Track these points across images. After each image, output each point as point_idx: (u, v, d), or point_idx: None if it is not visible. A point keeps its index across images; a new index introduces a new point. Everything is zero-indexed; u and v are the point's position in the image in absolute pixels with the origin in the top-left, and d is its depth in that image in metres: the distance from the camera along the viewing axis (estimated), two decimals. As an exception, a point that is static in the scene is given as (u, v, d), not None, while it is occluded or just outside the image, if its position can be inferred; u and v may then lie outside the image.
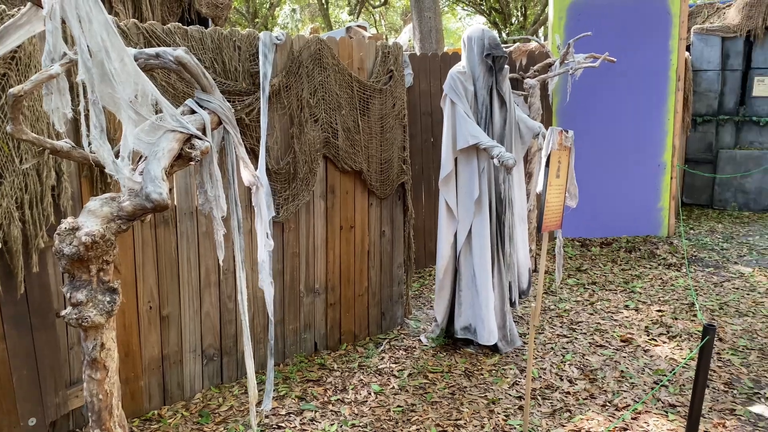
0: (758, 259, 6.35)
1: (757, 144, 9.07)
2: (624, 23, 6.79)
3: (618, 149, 7.01)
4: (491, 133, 3.99)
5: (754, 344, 4.22)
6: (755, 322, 4.62)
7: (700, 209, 9.19)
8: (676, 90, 6.94)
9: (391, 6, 27.92)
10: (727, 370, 3.84)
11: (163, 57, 1.89)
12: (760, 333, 4.41)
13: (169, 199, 1.66)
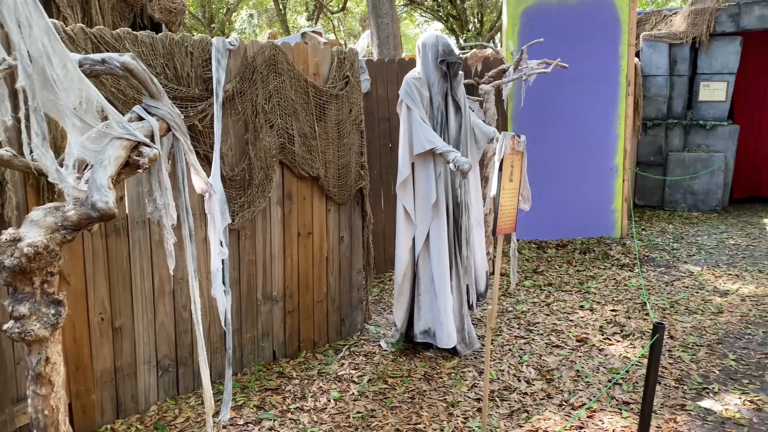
0: (706, 258, 6.56)
1: (704, 147, 9.39)
2: (576, 30, 6.95)
3: (572, 153, 7.16)
4: (447, 138, 4.03)
5: (702, 341, 4.35)
6: (704, 319, 4.77)
7: (652, 210, 9.46)
8: (627, 95, 7.14)
9: (349, 12, 27.96)
10: (678, 366, 3.95)
11: (109, 63, 1.85)
12: (708, 330, 4.56)
13: (116, 207, 1.62)
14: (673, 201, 9.39)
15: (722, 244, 7.15)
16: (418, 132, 3.87)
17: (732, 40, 9.08)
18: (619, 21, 6.97)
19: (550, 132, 7.07)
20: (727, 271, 6.03)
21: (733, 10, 8.91)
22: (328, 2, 24.54)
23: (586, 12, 6.93)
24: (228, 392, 3.18)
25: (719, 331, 4.53)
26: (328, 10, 24.36)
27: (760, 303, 5.09)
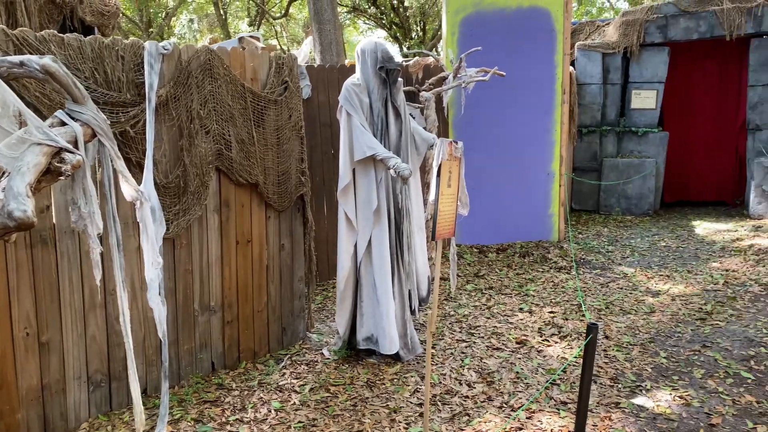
0: (639, 260, 6.81)
1: (636, 152, 9.77)
2: (513, 39, 7.11)
3: (511, 159, 7.31)
4: (387, 145, 4.04)
5: (636, 340, 4.50)
6: (637, 319, 4.94)
7: (588, 214, 9.76)
8: (562, 102, 7.35)
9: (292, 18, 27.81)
10: (613, 365, 4.07)
11: (28, 65, 1.77)
12: (641, 329, 4.72)
13: (35, 216, 1.55)
14: (607, 205, 9.72)
15: (654, 246, 7.43)
16: (358, 138, 3.87)
17: (660, 51, 9.49)
18: (555, 30, 7.17)
19: (490, 138, 7.20)
20: (658, 272, 6.27)
21: (660, 22, 9.32)
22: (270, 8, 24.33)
23: (522, 21, 7.11)
24: (164, 406, 3.08)
25: (651, 330, 4.69)
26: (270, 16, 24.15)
27: (689, 302, 5.31)
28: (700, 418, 3.34)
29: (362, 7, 23.44)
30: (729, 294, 5.46)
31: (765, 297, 5.33)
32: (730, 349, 4.29)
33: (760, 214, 8.78)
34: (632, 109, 9.74)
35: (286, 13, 23.38)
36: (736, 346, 4.34)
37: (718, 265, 6.44)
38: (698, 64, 10.00)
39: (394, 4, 22.29)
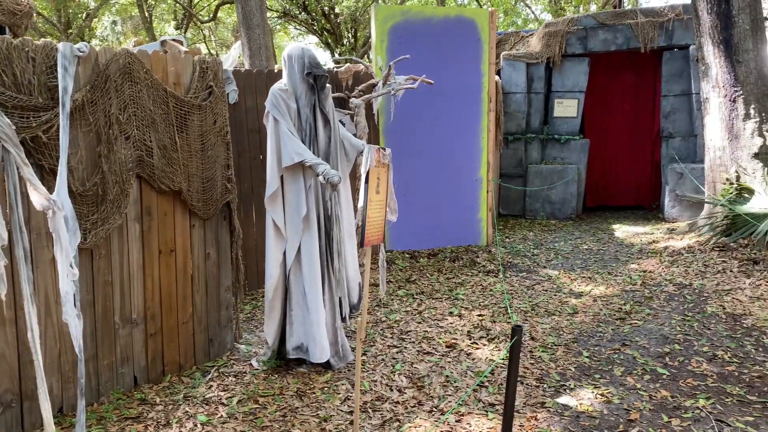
0: (563, 263, 7.04)
1: (559, 159, 10.13)
2: (441, 47, 7.24)
3: (440, 166, 7.42)
4: (316, 151, 4.01)
5: (560, 340, 4.65)
6: (561, 320, 5.10)
7: (515, 219, 10.04)
8: (489, 110, 7.53)
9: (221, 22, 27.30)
10: (539, 366, 4.18)
11: None
12: (565, 330, 4.87)
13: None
14: (533, 210, 10.02)
15: (577, 249, 7.71)
16: (286, 144, 3.83)
17: (581, 61, 9.90)
18: (481, 41, 7.35)
19: (420, 145, 7.29)
20: (581, 274, 6.51)
21: (581, 34, 9.73)
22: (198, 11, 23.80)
23: (449, 30, 7.24)
24: (81, 425, 2.93)
25: (575, 331, 4.86)
26: (198, 20, 23.62)
27: (610, 303, 5.53)
28: (620, 414, 3.48)
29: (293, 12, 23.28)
30: (646, 294, 5.72)
31: (678, 296, 5.62)
32: (647, 347, 4.50)
33: (674, 217, 9.27)
34: (555, 117, 10.10)
35: (215, 17, 22.93)
36: (652, 344, 4.55)
37: (636, 266, 6.74)
38: (616, 74, 10.50)
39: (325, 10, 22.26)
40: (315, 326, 3.95)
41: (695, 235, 7.45)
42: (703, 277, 6.08)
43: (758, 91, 6.90)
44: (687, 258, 6.74)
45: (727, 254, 6.56)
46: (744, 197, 6.85)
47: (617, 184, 10.87)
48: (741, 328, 4.77)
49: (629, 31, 9.50)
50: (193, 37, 26.98)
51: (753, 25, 6.83)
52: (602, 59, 10.30)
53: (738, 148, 6.98)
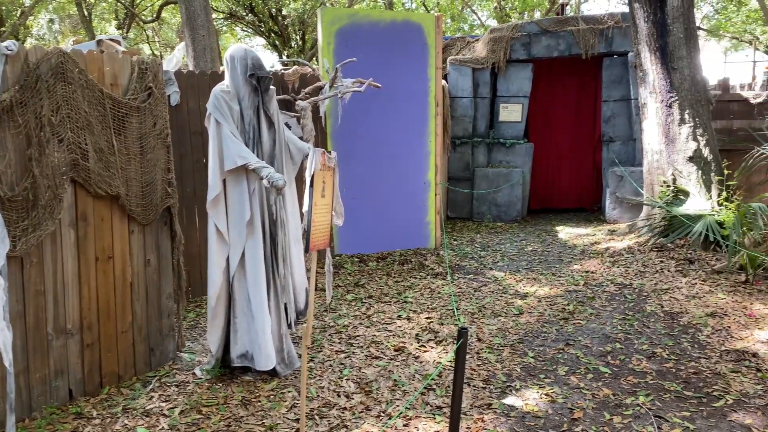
0: (509, 264, 7.15)
1: (505, 163, 10.30)
2: (388, 51, 7.25)
3: (389, 169, 7.43)
4: (260, 154, 3.94)
5: (506, 341, 4.70)
6: (507, 321, 5.17)
7: (462, 222, 10.15)
8: (436, 114, 7.59)
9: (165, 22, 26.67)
10: (485, 367, 4.22)
11: None
12: (510, 331, 4.94)
13: None
14: (480, 212, 10.16)
15: (522, 251, 7.85)
16: (229, 147, 3.74)
17: (525, 67, 10.10)
18: (427, 45, 7.40)
19: (368, 149, 7.28)
20: (526, 275, 6.62)
21: (525, 40, 9.93)
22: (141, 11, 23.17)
23: (396, 34, 7.26)
24: (9, 444, 2.78)
25: (520, 331, 4.93)
26: (141, 20, 22.99)
27: (554, 303, 5.64)
28: (564, 414, 3.54)
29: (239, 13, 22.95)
30: (588, 294, 5.86)
31: (619, 296, 5.78)
32: (590, 346, 4.60)
33: (614, 218, 9.56)
34: (500, 121, 10.27)
35: (158, 17, 22.37)
36: (595, 343, 4.66)
37: (578, 267, 6.90)
38: (559, 80, 10.77)
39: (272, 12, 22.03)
40: (260, 333, 3.88)
41: (635, 236, 7.69)
42: (642, 276, 6.27)
43: (692, 96, 7.19)
44: (627, 258, 6.94)
45: (664, 254, 6.79)
46: (680, 199, 7.11)
47: (560, 187, 11.14)
48: (678, 326, 4.94)
49: (571, 38, 9.76)
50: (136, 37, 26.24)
51: (686, 34, 7.11)
52: (545, 65, 10.55)
53: (674, 151, 7.24)
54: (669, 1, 7.01)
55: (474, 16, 24.47)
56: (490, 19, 25.02)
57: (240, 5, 21.94)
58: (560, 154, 11.03)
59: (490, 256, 7.58)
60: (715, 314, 5.12)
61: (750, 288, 5.71)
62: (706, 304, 5.35)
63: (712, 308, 5.25)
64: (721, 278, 5.98)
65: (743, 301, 5.41)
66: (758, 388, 3.83)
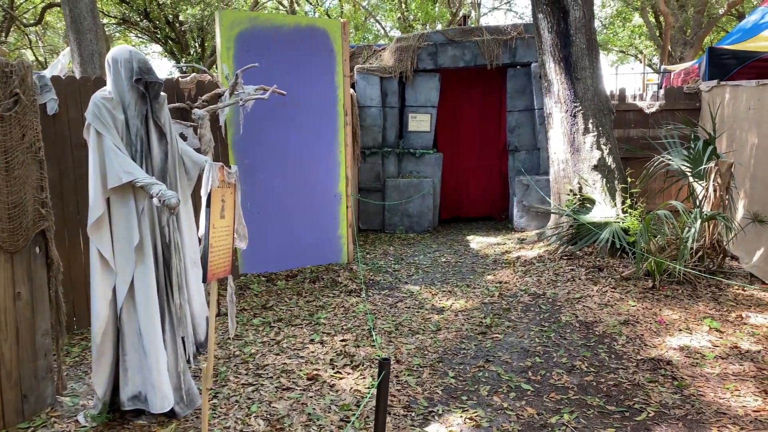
0: (424, 277, 6.98)
1: (415, 173, 10.19)
2: (293, 57, 6.91)
3: (297, 181, 7.07)
4: (150, 169, 3.49)
5: (425, 361, 4.48)
6: (425, 338, 4.95)
7: (375, 234, 9.92)
8: (345, 124, 7.32)
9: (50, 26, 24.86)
10: (405, 392, 3.96)
11: None
12: (430, 349, 4.72)
13: None
14: (392, 224, 9.97)
15: (436, 263, 7.71)
16: (112, 161, 3.28)
17: (432, 76, 10.06)
18: (334, 51, 7.13)
19: (274, 160, 6.89)
20: (441, 288, 6.46)
21: (431, 49, 9.88)
22: (21, 13, 21.41)
23: (301, 40, 6.94)
24: None
25: (439, 349, 4.72)
26: (21, 23, 21.24)
27: (471, 317, 5.49)
28: (491, 440, 3.34)
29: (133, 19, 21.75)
30: (504, 306, 5.77)
31: (534, 306, 5.73)
32: (510, 362, 4.46)
33: (522, 227, 9.66)
34: (410, 131, 10.16)
35: (41, 20, 20.74)
36: (514, 358, 4.53)
37: (492, 277, 6.84)
38: (466, 90, 10.81)
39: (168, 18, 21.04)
40: (154, 372, 3.42)
41: (544, 245, 7.75)
42: (554, 286, 6.27)
43: (595, 106, 7.34)
44: (539, 267, 6.95)
45: (574, 262, 6.85)
46: (587, 207, 7.22)
47: (469, 197, 11.18)
48: (594, 336, 4.91)
49: (476, 48, 9.81)
50: (16, 42, 24.28)
51: (588, 44, 7.26)
52: (452, 75, 10.56)
53: (579, 160, 7.36)
54: (572, 13, 7.13)
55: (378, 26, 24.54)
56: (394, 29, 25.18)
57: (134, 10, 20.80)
58: (468, 164, 11.07)
59: (404, 269, 7.38)
60: (627, 322, 5.15)
61: (657, 293, 5.82)
62: (619, 312, 5.39)
63: (624, 316, 5.28)
64: (630, 285, 6.08)
65: (652, 307, 5.49)
66: (676, 398, 3.81)
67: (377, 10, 25.05)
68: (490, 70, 10.04)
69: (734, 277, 6.35)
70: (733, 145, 7.55)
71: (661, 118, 9.59)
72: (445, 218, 11.11)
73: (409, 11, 21.16)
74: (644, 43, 27.15)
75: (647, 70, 22.52)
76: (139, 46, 26.09)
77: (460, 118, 10.92)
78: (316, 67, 7.07)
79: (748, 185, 6.95)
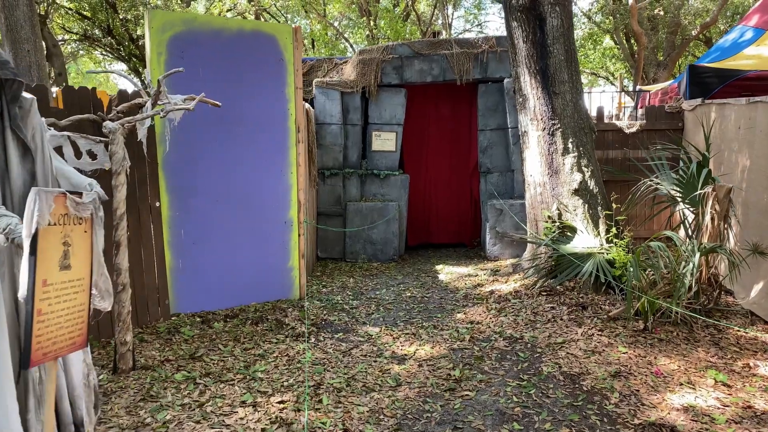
0: (385, 316, 6.13)
1: (379, 196, 9.38)
2: (236, 66, 6.09)
3: (241, 206, 6.21)
4: (9, 195, 2.61)
5: (380, 428, 3.63)
6: (382, 397, 4.10)
7: (334, 263, 9.05)
8: (298, 142, 6.49)
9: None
10: (351, 479, 3.09)
11: None
12: (386, 412, 3.88)
13: None
14: (354, 252, 9.12)
15: (400, 298, 6.87)
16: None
17: (397, 92, 9.31)
18: (284, 60, 6.32)
19: (214, 183, 6.03)
20: (404, 330, 5.62)
21: (396, 63, 9.14)
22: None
23: (246, 46, 6.13)
24: None
25: (398, 412, 3.88)
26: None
27: (437, 367, 4.66)
28: None
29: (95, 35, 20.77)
30: (476, 353, 4.95)
31: (511, 353, 4.92)
32: (483, 429, 3.64)
33: (495, 255, 8.89)
34: (373, 151, 9.37)
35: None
36: (488, 424, 3.71)
37: (462, 316, 6.02)
38: (434, 106, 10.07)
39: (132, 35, 20.13)
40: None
41: (520, 278, 6.98)
42: (533, 327, 5.48)
43: (575, 124, 6.64)
44: (515, 305, 6.16)
45: (554, 299, 6.08)
46: (567, 236, 6.48)
47: (438, 221, 10.39)
48: (581, 393, 4.12)
49: (445, 62, 9.10)
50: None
51: (567, 56, 6.58)
52: (419, 90, 9.84)
53: (558, 183, 6.64)
54: (549, 21, 6.45)
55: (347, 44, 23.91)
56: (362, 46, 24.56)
57: (96, 26, 19.85)
58: (437, 186, 10.29)
59: (363, 306, 6.52)
60: (619, 374, 4.37)
61: (650, 337, 5.07)
62: (608, 361, 4.61)
63: (615, 366, 4.50)
64: (619, 326, 5.32)
65: (646, 354, 4.73)
66: (692, 484, 3.01)
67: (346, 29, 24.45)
68: (460, 86, 9.33)
69: (733, 315, 5.64)
70: (721, 168, 6.92)
71: (642, 138, 8.98)
72: (412, 244, 10.30)
73: (378, 29, 20.56)
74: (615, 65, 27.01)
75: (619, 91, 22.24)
76: (104, 64, 25.17)
77: (428, 137, 10.17)
78: (264, 78, 6.25)
79: (740, 212, 6.29)
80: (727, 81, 9.50)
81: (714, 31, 21.25)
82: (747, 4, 21.56)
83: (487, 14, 35.66)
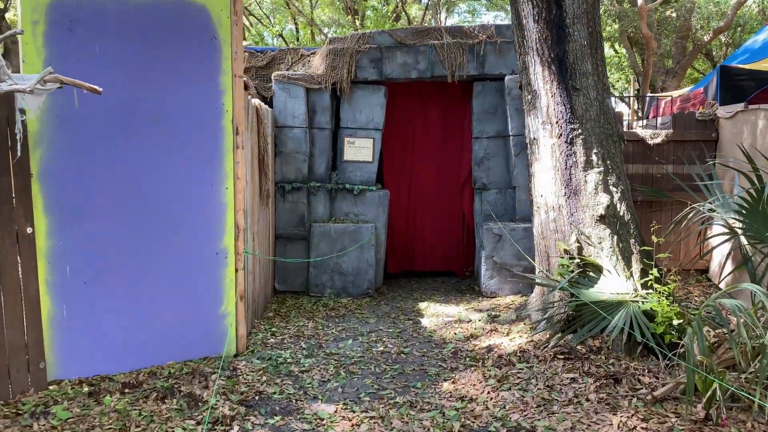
0: (345, 386, 4.51)
1: (352, 216, 7.79)
2: (151, 45, 4.52)
3: (154, 232, 4.62)
4: None
5: None
6: None
7: (294, 298, 7.42)
8: (236, 147, 4.91)
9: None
10: None
11: None
12: None
13: None
14: (319, 284, 7.51)
15: (369, 354, 5.26)
16: None
17: (376, 90, 7.75)
18: (217, 38, 4.75)
19: (116, 201, 4.46)
20: (368, 412, 4.02)
21: (375, 54, 7.58)
22: None
23: (165, 19, 4.56)
24: None
25: None
26: None
27: (410, 490, 3.06)
28: None
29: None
30: (469, 460, 3.36)
31: (520, 464, 3.32)
32: None
33: (492, 291, 7.31)
34: (346, 161, 7.78)
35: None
36: None
37: (450, 387, 4.42)
38: (420, 108, 8.47)
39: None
40: None
41: (526, 329, 5.39)
42: (549, 411, 3.89)
43: (600, 130, 5.09)
44: (521, 372, 4.56)
45: (575, 365, 4.48)
46: (589, 276, 4.92)
47: (424, 247, 8.76)
48: None
49: (433, 54, 7.54)
50: None
51: (591, 40, 5.04)
52: (402, 88, 8.27)
53: (579, 208, 5.06)
54: (568, -8, 4.91)
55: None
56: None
57: None
58: (423, 205, 8.67)
59: (318, 367, 4.90)
60: None
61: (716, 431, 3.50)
62: (670, 485, 3.03)
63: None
64: (668, 411, 3.75)
65: (724, 471, 3.15)
66: None
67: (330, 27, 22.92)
68: (452, 84, 7.75)
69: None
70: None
71: (668, 150, 7.47)
72: (393, 272, 8.69)
73: (365, 28, 19.04)
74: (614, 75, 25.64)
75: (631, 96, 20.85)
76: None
77: (413, 145, 8.56)
78: (190, 62, 4.68)
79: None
80: (766, 84, 8.07)
81: (715, 44, 19.98)
82: (750, 15, 20.35)
83: (482, 22, 34.19)
